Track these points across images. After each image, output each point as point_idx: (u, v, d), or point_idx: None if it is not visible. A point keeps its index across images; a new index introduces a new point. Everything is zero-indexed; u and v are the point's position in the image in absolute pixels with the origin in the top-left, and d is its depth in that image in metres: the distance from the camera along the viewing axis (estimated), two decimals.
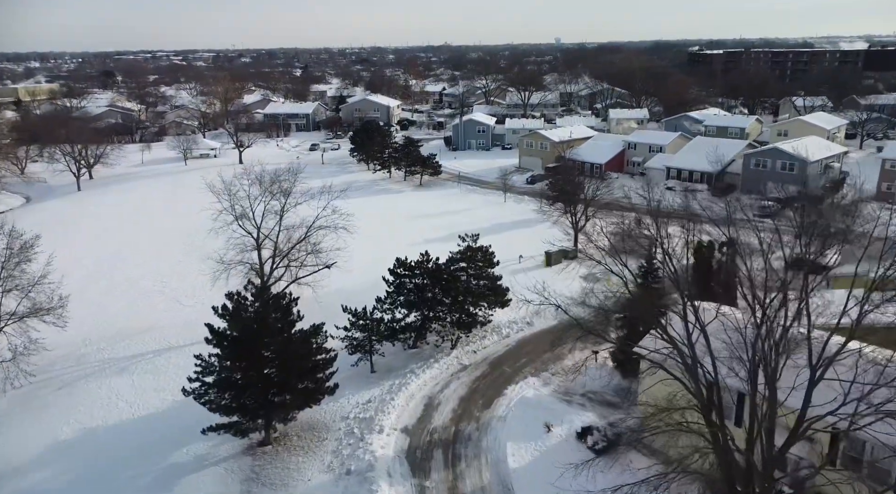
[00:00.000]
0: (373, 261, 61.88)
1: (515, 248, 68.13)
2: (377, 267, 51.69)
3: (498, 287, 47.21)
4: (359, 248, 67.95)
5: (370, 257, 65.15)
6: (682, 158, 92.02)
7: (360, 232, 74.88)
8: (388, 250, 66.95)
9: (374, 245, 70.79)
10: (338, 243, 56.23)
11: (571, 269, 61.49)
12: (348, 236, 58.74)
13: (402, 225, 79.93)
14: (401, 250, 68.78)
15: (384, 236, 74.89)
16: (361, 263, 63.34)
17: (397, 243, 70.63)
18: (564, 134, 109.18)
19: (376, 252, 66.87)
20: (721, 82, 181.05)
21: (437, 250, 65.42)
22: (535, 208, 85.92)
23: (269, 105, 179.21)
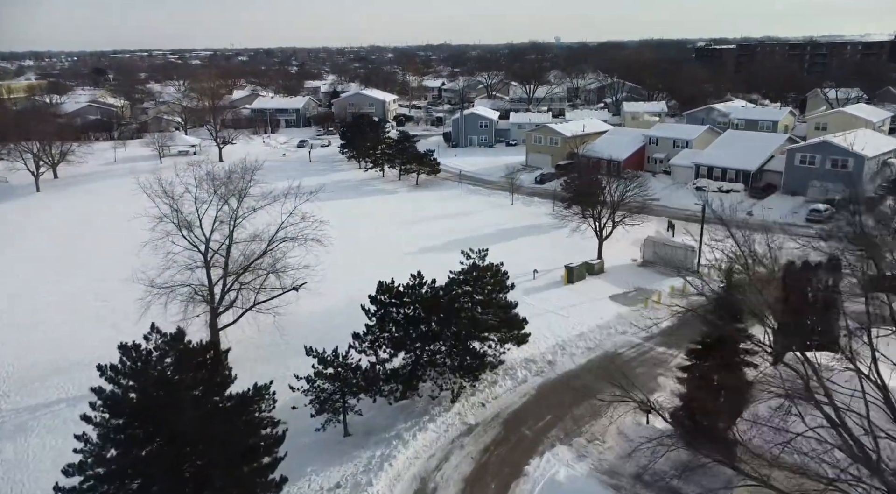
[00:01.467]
0: (355, 279, 51.59)
1: (527, 259, 57.30)
2: (360, 287, 41.29)
3: (513, 318, 36.35)
4: (338, 263, 57.36)
5: (352, 274, 54.58)
6: (713, 155, 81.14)
7: (340, 242, 64.13)
8: (375, 265, 56.41)
9: (357, 259, 60.00)
10: (308, 258, 45.29)
11: (597, 288, 50.63)
12: (323, 250, 47.96)
13: (393, 232, 69.06)
14: (390, 263, 58.13)
15: (371, 246, 64.02)
16: (340, 282, 52.69)
17: (386, 255, 59.90)
18: (577, 128, 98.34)
19: (360, 268, 56.30)
20: (737, 76, 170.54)
21: (433, 262, 55.09)
22: (547, 210, 75.24)
23: (257, 100, 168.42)
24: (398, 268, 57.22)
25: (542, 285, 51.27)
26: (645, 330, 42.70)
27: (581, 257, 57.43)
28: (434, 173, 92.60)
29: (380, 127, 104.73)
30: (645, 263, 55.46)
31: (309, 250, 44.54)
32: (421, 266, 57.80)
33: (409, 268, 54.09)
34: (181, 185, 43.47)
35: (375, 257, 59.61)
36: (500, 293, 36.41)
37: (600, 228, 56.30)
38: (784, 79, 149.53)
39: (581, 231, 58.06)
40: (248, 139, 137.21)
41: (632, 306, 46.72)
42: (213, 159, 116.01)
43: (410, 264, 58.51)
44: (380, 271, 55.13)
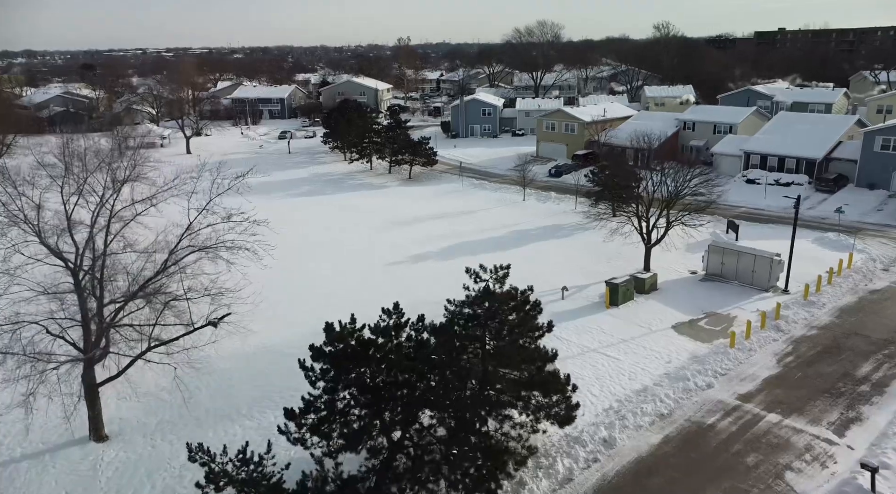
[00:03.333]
0: (318, 305, 38.10)
1: (550, 271, 43.50)
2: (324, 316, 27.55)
3: (549, 378, 22.31)
4: (295, 282, 43.82)
5: (314, 297, 40.96)
6: (766, 141, 67.18)
7: (305, 251, 50.36)
8: (348, 284, 42.64)
9: (326, 274, 46.23)
10: (232, 276, 31.42)
11: (653, 312, 36.60)
12: (272, 263, 34.27)
13: (377, 236, 55.09)
14: (369, 280, 43.87)
15: (347, 255, 50.05)
16: (297, 310, 39.14)
17: (365, 268, 46.13)
18: (597, 112, 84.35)
19: (327, 288, 42.66)
20: (760, 62, 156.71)
21: (427, 277, 41.86)
22: (567, 207, 61.36)
23: (238, 89, 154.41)
24: (380, 286, 43.21)
25: (575, 309, 37.28)
26: (738, 382, 28.79)
27: (621, 268, 43.57)
28: (430, 165, 78.68)
29: (368, 113, 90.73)
30: (709, 276, 41.54)
31: (257, 262, 30.71)
32: (409, 284, 43.38)
33: (393, 287, 40.50)
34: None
35: (351, 271, 45.74)
36: (529, 337, 22.50)
37: (648, 229, 42.37)
38: (816, 63, 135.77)
39: (625, 234, 44.11)
40: (223, 130, 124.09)
41: (708, 342, 32.75)
42: (181, 151, 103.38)
43: (396, 281, 44.46)
44: (354, 292, 41.56)
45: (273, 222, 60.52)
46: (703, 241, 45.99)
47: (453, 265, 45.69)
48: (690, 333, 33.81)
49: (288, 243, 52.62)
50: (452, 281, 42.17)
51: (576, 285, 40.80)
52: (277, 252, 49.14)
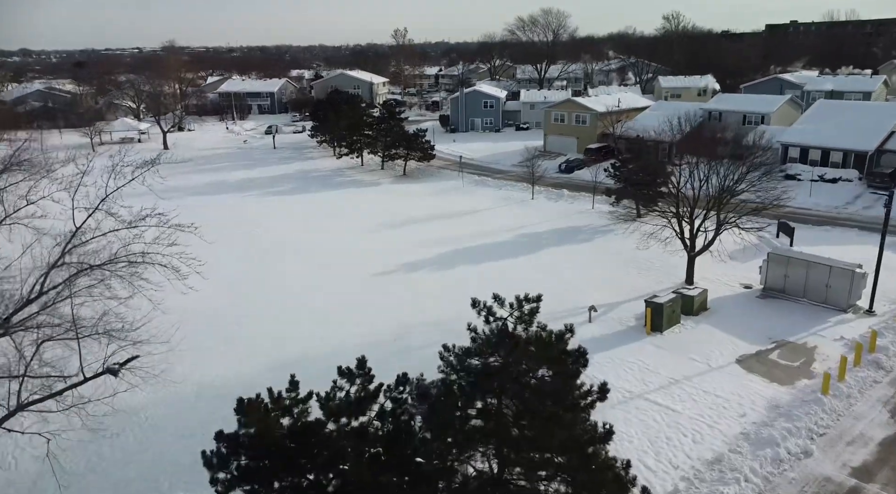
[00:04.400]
0: (273, 336, 30.32)
1: (571, 285, 35.71)
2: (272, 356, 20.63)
3: (602, 471, 14.32)
4: (245, 304, 36.05)
5: (268, 325, 33.09)
6: (806, 132, 59.33)
7: (274, 260, 42.39)
8: (318, 306, 34.61)
9: (294, 290, 38.33)
10: (142, 304, 23.62)
11: (707, 341, 28.68)
12: (226, 277, 26.47)
13: (364, 240, 47.17)
14: (347, 299, 35.54)
15: (325, 264, 42.09)
16: (254, 345, 31.30)
17: (345, 281, 38.13)
18: (611, 102, 76.46)
19: (293, 311, 34.72)
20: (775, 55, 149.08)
21: (421, 292, 34.18)
22: (583, 207, 53.58)
23: (226, 82, 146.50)
24: (361, 306, 33.92)
25: (607, 337, 29.37)
26: (845, 446, 20.92)
27: (656, 281, 35.72)
28: (427, 160, 70.79)
29: (359, 104, 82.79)
30: (769, 291, 33.64)
31: (185, 279, 22.93)
32: (397, 301, 34.56)
33: (378, 306, 32.63)
34: None
35: (328, 285, 37.80)
36: (570, 407, 14.56)
37: (692, 234, 34.51)
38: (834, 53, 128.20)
39: (665, 240, 36.21)
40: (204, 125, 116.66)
41: (788, 383, 24.86)
42: (158, 147, 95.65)
43: (381, 298, 35.08)
44: (326, 315, 33.67)
45: (244, 225, 53.13)
46: (748, 247, 38.01)
47: (452, 277, 37.95)
48: (762, 370, 25.89)
49: (256, 250, 44.86)
50: (450, 298, 34.28)
51: (603, 302, 32.90)
52: (239, 264, 41.84)
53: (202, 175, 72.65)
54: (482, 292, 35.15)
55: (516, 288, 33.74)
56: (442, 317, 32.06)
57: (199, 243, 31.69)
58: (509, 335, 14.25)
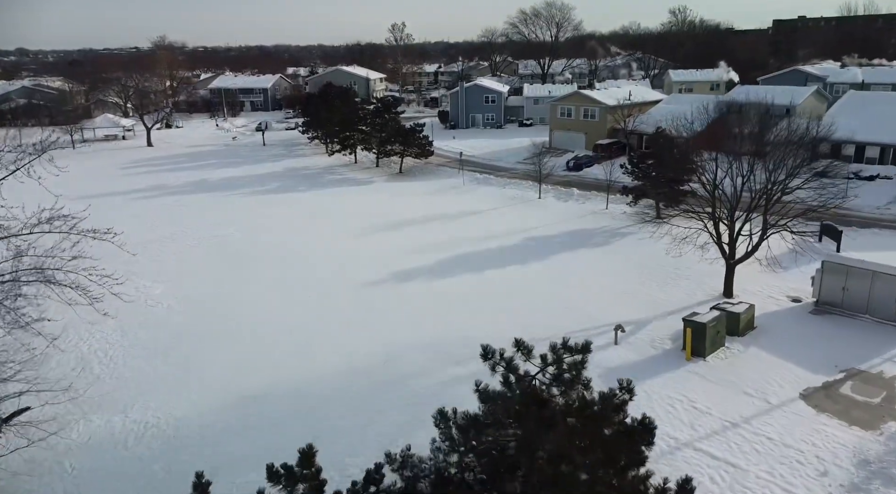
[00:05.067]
0: (230, 371, 25.43)
1: (591, 299, 30.85)
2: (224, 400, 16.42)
3: None
4: (203, 326, 31.13)
5: (228, 354, 28.10)
6: (840, 126, 54.19)
7: (249, 267, 37.34)
8: (290, 326, 29.44)
9: (263, 307, 33.40)
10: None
11: (759, 369, 23.69)
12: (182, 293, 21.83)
13: (354, 245, 42.24)
14: (324, 320, 29.40)
15: (300, 276, 37.10)
16: (189, 381, 26.37)
17: (324, 298, 33.08)
18: (621, 95, 71.53)
19: (250, 341, 29.72)
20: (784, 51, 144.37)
21: (414, 310, 29.21)
22: (596, 207, 48.72)
23: (218, 79, 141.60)
24: (345, 325, 28.41)
25: (639, 363, 24.41)
26: None
27: (690, 293, 30.83)
28: (424, 157, 65.87)
29: (353, 98, 77.87)
30: (823, 306, 28.70)
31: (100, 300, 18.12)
32: (388, 320, 29.01)
33: (365, 325, 27.82)
34: None
35: (308, 299, 32.84)
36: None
37: (732, 239, 29.63)
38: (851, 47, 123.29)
39: (702, 247, 31.30)
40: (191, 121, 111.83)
41: (872, 428, 19.93)
42: (142, 144, 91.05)
43: (370, 315, 29.70)
44: (303, 337, 28.30)
45: (220, 227, 47.81)
46: (788, 253, 33.00)
47: (451, 288, 32.98)
48: (836, 409, 20.95)
49: (229, 256, 39.90)
50: (450, 313, 29.44)
51: (629, 319, 27.96)
52: (207, 274, 36.61)
53: (183, 173, 67.75)
54: (486, 306, 30.30)
55: (525, 302, 28.75)
56: (440, 337, 27.31)
57: (163, 252, 26.92)
58: (540, 402, 9.31)
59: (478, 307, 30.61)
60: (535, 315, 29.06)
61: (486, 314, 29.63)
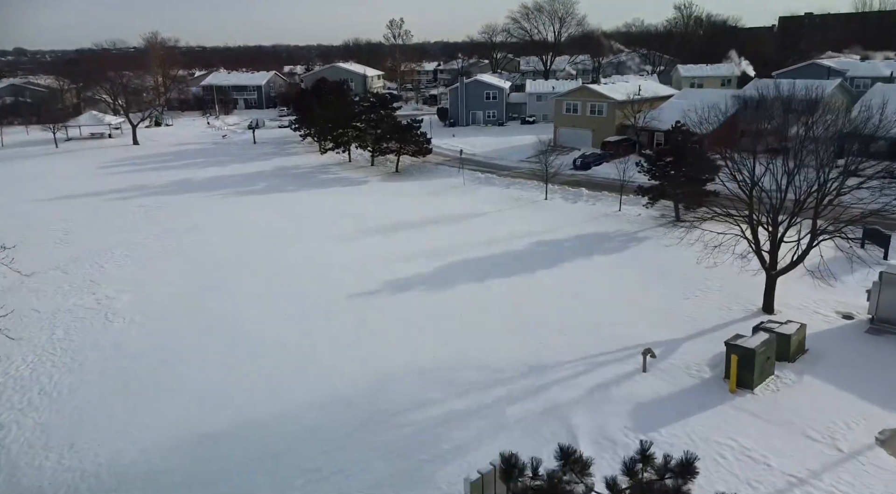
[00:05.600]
0: (212, 396, 21.30)
1: (605, 312, 26.98)
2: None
3: None
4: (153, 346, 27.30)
5: (203, 385, 24.16)
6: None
7: (212, 280, 33.31)
8: (259, 350, 25.19)
9: (228, 321, 29.56)
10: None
11: (821, 406, 19.78)
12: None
13: (343, 251, 38.41)
14: (303, 339, 25.16)
15: (278, 285, 33.26)
16: (156, 418, 22.52)
17: (302, 312, 28.95)
18: (630, 90, 67.73)
19: (205, 370, 25.80)
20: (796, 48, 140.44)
21: (408, 329, 25.33)
22: (607, 209, 44.93)
23: (210, 76, 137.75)
24: (328, 346, 23.97)
25: (674, 395, 20.56)
26: None
27: (725, 308, 27.01)
28: (422, 155, 62.02)
29: (348, 93, 74.12)
30: (881, 324, 24.87)
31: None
32: (378, 340, 23.90)
33: (350, 346, 24.04)
34: None
35: (284, 314, 28.95)
36: None
37: (773, 246, 25.83)
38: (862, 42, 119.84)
39: (742, 257, 27.46)
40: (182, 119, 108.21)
41: None
42: (127, 143, 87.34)
43: (357, 333, 25.39)
44: (283, 362, 23.72)
45: (198, 231, 43.82)
46: (830, 261, 29.19)
47: (451, 300, 29.21)
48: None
49: (204, 265, 36.05)
50: (449, 331, 25.61)
51: (657, 339, 24.14)
52: (178, 286, 31.82)
53: (167, 172, 63.95)
54: (490, 322, 26.31)
55: (535, 318, 24.73)
56: (437, 359, 23.55)
57: (133, 258, 23.12)
58: None
59: (480, 323, 26.79)
60: (547, 334, 25.26)
61: (489, 332, 25.83)
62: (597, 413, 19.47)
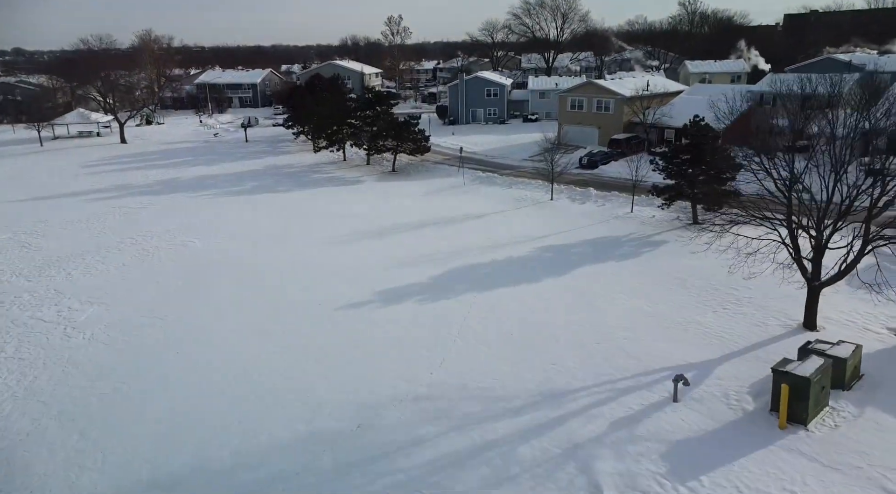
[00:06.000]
0: (170, 435, 17.64)
1: (624, 329, 23.71)
2: None
3: None
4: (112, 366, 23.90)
5: (162, 420, 20.91)
6: None
7: (179, 293, 29.87)
8: (233, 380, 21.59)
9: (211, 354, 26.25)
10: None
11: (886, 445, 16.54)
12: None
13: (327, 258, 35.28)
14: (282, 367, 20.81)
15: (257, 297, 30.13)
16: (104, 458, 19.13)
17: (280, 329, 25.41)
18: (638, 85, 64.60)
19: (196, 396, 22.41)
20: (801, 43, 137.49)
21: (402, 347, 21.70)
22: (617, 210, 41.82)
23: (204, 74, 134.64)
24: (302, 374, 20.27)
25: (713, 432, 17.42)
26: None
27: (758, 322, 23.86)
28: (420, 153, 58.87)
29: (343, 89, 71.02)
30: None
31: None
32: (364, 362, 20.11)
33: (331, 368, 20.87)
34: None
35: (268, 333, 25.76)
36: None
37: (817, 254, 22.71)
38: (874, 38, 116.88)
39: (783, 266, 24.20)
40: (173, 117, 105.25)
41: None
42: (113, 141, 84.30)
43: (339, 358, 21.86)
44: (254, 390, 20.34)
45: (181, 234, 40.43)
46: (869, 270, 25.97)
47: (448, 314, 26.08)
48: None
49: (180, 273, 32.94)
50: (447, 351, 22.54)
51: (687, 361, 21.02)
52: (149, 296, 28.07)
53: (152, 172, 60.84)
54: (493, 338, 23.03)
55: (544, 335, 21.64)
56: (432, 385, 20.53)
57: (105, 264, 19.81)
58: None
59: (483, 339, 23.71)
60: (559, 353, 22.16)
61: (493, 351, 22.74)
62: (624, 456, 16.35)
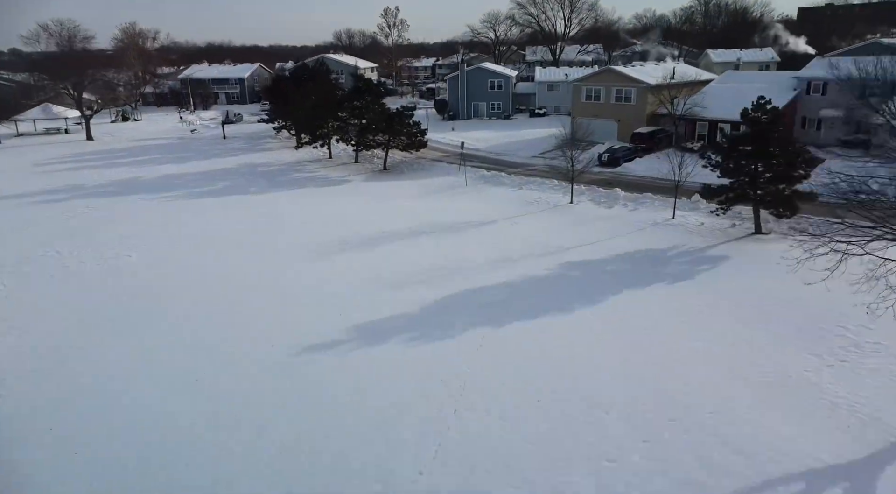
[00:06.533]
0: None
1: (701, 391, 15.94)
2: None
3: None
4: None
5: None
6: None
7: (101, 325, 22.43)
8: (162, 441, 14.08)
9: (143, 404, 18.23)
10: None
11: None
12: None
13: (298, 277, 27.80)
14: (228, 423, 15.46)
15: (204, 336, 22.51)
16: None
17: (228, 378, 16.94)
18: (665, 72, 57.18)
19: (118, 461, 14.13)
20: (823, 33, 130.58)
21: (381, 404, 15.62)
22: (656, 215, 34.30)
23: (189, 68, 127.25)
24: (252, 432, 14.10)
25: None
26: None
27: (894, 377, 16.26)
28: (415, 148, 51.39)
29: (329, 79, 63.68)
30: None
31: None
32: (337, 434, 14.74)
33: (288, 430, 12.61)
34: None
35: (215, 373, 18.18)
36: None
37: None
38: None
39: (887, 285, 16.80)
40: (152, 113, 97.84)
41: None
42: (79, 138, 77.09)
43: (302, 417, 15.82)
44: (193, 456, 13.81)
45: (126, 246, 32.91)
46: None
47: (446, 360, 18.49)
48: None
49: (120, 294, 25.46)
50: (445, 407, 14.93)
51: (820, 460, 13.55)
52: (62, 326, 21.83)
53: (113, 171, 53.54)
54: (513, 398, 15.70)
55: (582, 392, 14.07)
56: (432, 486, 12.91)
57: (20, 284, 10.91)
58: None
59: (495, 411, 16.30)
60: (615, 439, 14.71)
61: (511, 434, 15.29)
62: None
